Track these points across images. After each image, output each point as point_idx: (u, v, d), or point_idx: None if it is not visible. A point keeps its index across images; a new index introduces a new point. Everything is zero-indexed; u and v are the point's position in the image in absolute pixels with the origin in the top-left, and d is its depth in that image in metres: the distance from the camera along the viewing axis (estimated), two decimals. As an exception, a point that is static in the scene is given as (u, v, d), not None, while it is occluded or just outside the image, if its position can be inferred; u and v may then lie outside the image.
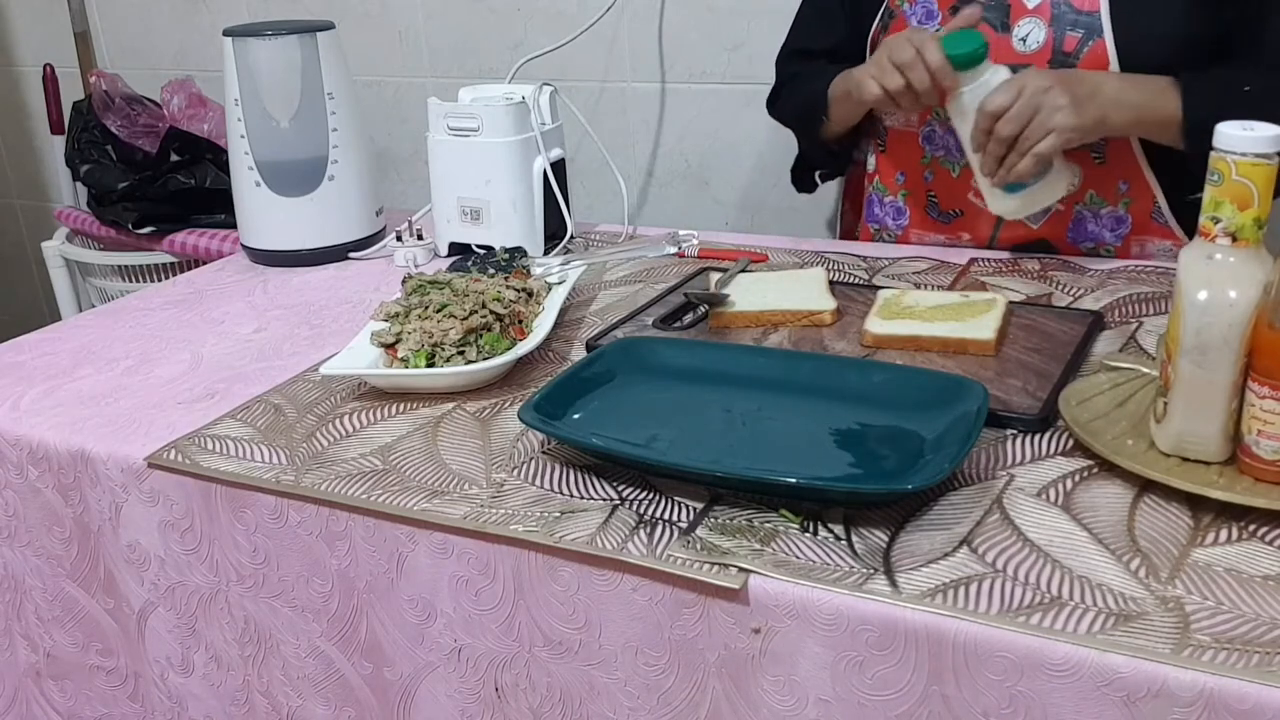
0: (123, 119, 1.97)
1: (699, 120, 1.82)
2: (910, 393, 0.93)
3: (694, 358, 1.03)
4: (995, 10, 1.25)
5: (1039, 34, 1.23)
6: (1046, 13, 1.23)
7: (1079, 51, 1.21)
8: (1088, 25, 1.21)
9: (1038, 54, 1.23)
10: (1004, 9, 1.25)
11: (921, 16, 1.28)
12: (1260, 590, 0.71)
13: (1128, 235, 1.31)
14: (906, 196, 1.38)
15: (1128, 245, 1.31)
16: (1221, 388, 0.79)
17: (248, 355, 1.18)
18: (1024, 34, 1.24)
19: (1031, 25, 1.23)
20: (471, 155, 1.41)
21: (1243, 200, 0.77)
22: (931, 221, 1.38)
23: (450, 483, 0.89)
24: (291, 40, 1.42)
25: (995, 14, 1.25)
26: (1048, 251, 1.33)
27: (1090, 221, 1.31)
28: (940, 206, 1.37)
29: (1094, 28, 1.21)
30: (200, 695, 1.03)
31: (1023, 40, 1.24)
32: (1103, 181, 1.28)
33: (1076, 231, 1.32)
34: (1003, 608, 0.70)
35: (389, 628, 0.91)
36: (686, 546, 0.78)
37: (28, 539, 1.06)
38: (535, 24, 1.87)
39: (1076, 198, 1.29)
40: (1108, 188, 1.29)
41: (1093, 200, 1.30)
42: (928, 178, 1.35)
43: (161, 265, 1.96)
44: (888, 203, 1.40)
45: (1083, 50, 1.21)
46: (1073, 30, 1.22)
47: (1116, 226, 1.31)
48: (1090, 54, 1.21)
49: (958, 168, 1.33)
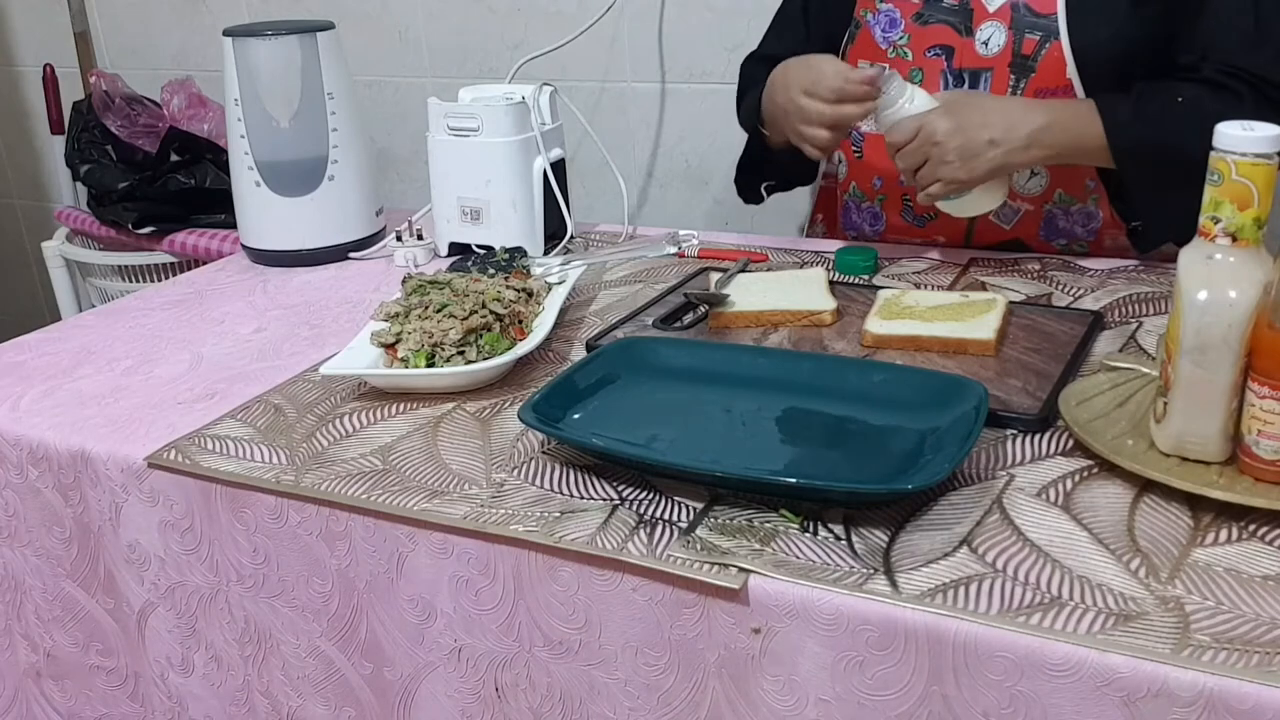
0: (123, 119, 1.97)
1: (699, 120, 1.82)
2: (910, 393, 0.93)
3: (694, 358, 1.03)
4: (959, 14, 1.26)
5: (999, 37, 1.24)
6: (1006, 16, 1.24)
7: (1037, 54, 1.23)
8: (1045, 28, 1.22)
9: (999, 56, 1.24)
10: (967, 13, 1.26)
11: (885, 25, 1.30)
12: (1260, 590, 0.71)
13: (1099, 230, 1.32)
14: (884, 201, 1.38)
15: (1100, 240, 1.32)
16: (1221, 388, 0.79)
17: (248, 355, 1.18)
18: (985, 37, 1.25)
19: (992, 29, 1.24)
20: (471, 155, 1.41)
21: (1243, 200, 0.77)
22: (907, 225, 1.39)
23: (450, 483, 0.89)
24: (291, 40, 1.42)
25: (959, 18, 1.26)
26: (1021, 251, 1.34)
27: (1061, 219, 1.32)
28: (915, 210, 1.38)
29: (1051, 30, 1.22)
30: (200, 695, 1.03)
31: (984, 44, 1.25)
32: (1070, 179, 1.29)
33: (1048, 230, 1.33)
34: (1003, 608, 0.70)
35: (389, 628, 0.91)
36: (686, 546, 0.78)
37: (28, 539, 1.06)
38: (535, 24, 1.87)
39: (1046, 197, 1.31)
40: (1075, 185, 1.30)
41: (1061, 199, 1.31)
42: (903, 181, 1.36)
43: (161, 265, 1.96)
44: (865, 208, 1.40)
45: (1041, 52, 1.22)
46: (1031, 33, 1.23)
47: (1087, 222, 1.32)
48: (1048, 56, 1.22)
49: None
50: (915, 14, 1.28)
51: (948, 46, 1.26)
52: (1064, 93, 1.23)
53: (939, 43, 1.26)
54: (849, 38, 1.34)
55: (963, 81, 1.26)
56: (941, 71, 1.27)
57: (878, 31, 1.30)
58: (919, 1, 1.28)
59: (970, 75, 1.26)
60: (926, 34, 1.27)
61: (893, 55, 1.29)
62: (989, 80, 1.25)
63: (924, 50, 1.28)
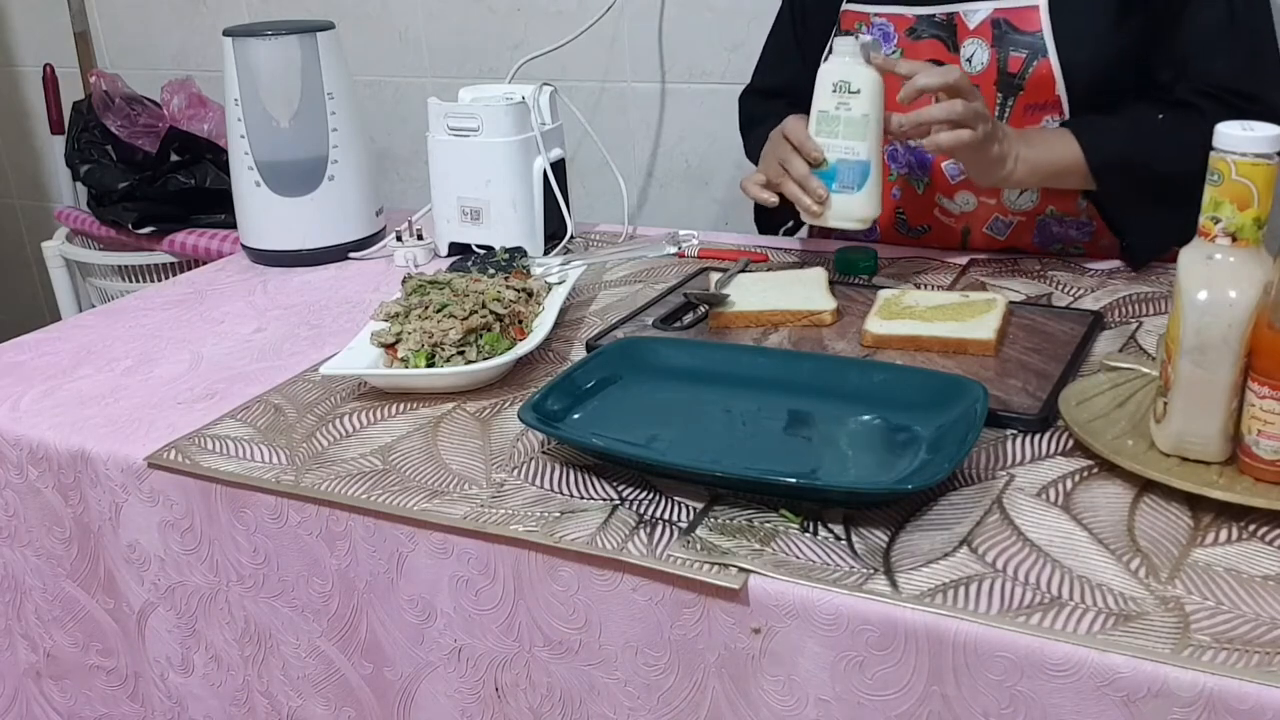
0: (123, 119, 1.97)
1: (699, 120, 1.82)
2: (910, 393, 0.93)
3: (694, 358, 1.03)
4: (945, 29, 1.26)
5: (983, 54, 1.24)
6: (988, 33, 1.23)
7: (1024, 71, 1.22)
8: (1030, 45, 1.21)
9: (983, 74, 1.24)
10: (952, 29, 1.26)
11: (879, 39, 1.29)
12: (1260, 590, 0.71)
13: (1095, 233, 1.32)
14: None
15: (1096, 241, 1.32)
16: (1221, 388, 0.79)
17: (248, 355, 1.18)
18: (969, 54, 1.24)
19: (975, 46, 1.24)
20: (471, 155, 1.41)
21: (1243, 200, 0.77)
22: (900, 237, 1.39)
23: (450, 483, 0.89)
24: (291, 40, 1.42)
25: (945, 33, 1.26)
26: None
27: (1055, 226, 1.32)
28: (909, 223, 1.38)
29: (1037, 48, 1.21)
30: (200, 695, 1.03)
31: (969, 61, 1.25)
32: (1061, 197, 1.30)
33: (1043, 237, 1.33)
34: (1003, 608, 0.70)
35: (389, 628, 0.91)
36: (686, 546, 0.78)
37: (28, 539, 1.06)
38: (535, 24, 1.87)
39: (1039, 210, 1.31)
40: (1068, 203, 1.30)
41: (1053, 214, 1.31)
42: (895, 195, 1.36)
43: (161, 265, 1.96)
44: None
45: (1028, 70, 1.22)
46: (1016, 50, 1.22)
47: (1081, 228, 1.32)
48: (1036, 73, 1.22)
49: (922, 185, 1.35)
50: (908, 28, 1.28)
51: (939, 63, 1.25)
52: (1053, 109, 1.23)
53: (931, 58, 1.26)
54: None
55: None
56: None
57: None
58: (912, 16, 1.27)
59: None
60: (919, 49, 1.27)
61: None
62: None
63: None
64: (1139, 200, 1.22)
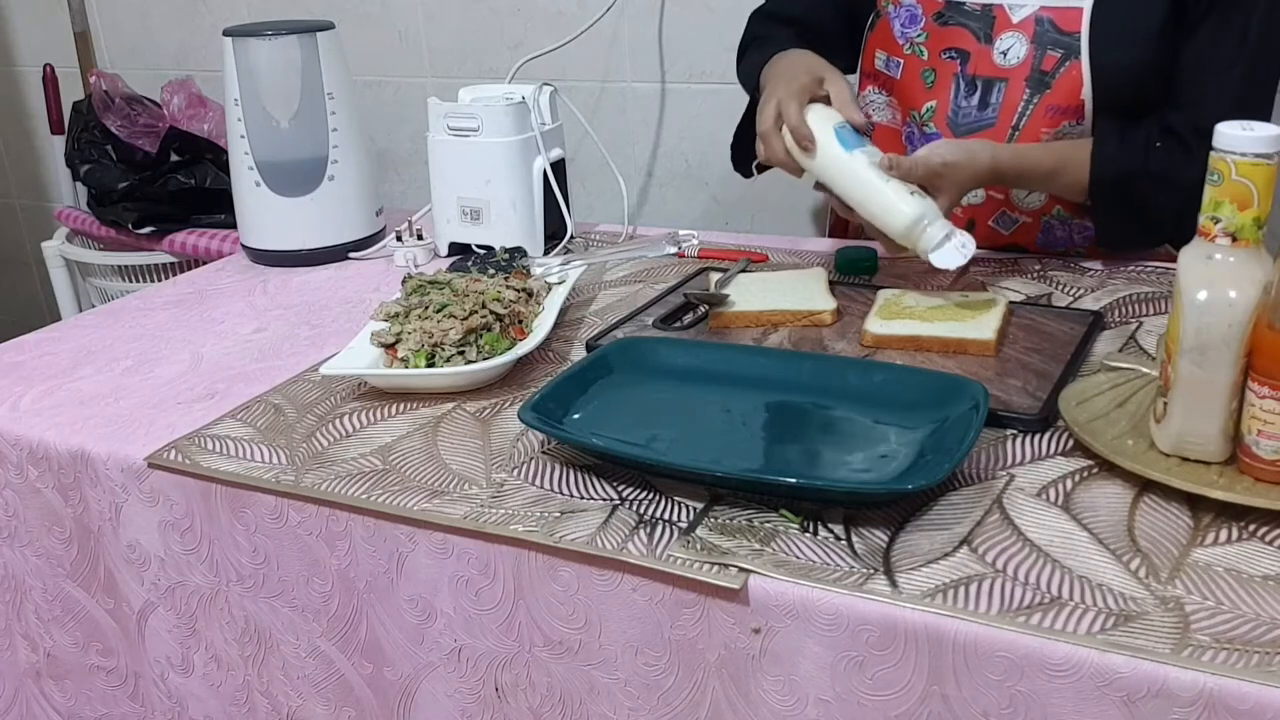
0: (123, 119, 1.97)
1: (699, 120, 1.82)
2: (910, 392, 0.93)
3: (694, 358, 1.03)
4: (980, 20, 1.25)
5: (1020, 49, 1.23)
6: (1030, 29, 1.23)
7: (1056, 71, 1.22)
8: (1067, 45, 1.21)
9: (1017, 69, 1.23)
10: (989, 20, 1.25)
11: (905, 20, 1.29)
12: (1260, 590, 0.71)
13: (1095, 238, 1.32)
14: None
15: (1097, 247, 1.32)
16: (1221, 388, 0.79)
17: (248, 355, 1.18)
18: (1005, 47, 1.24)
19: (1014, 40, 1.23)
20: (471, 155, 1.41)
21: (1242, 200, 0.77)
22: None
23: (450, 483, 0.89)
24: (291, 40, 1.42)
25: (980, 24, 1.25)
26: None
27: (1059, 228, 1.32)
28: None
29: (1073, 49, 1.21)
30: (200, 695, 1.03)
31: (1003, 54, 1.24)
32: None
33: (1046, 238, 1.33)
34: (1003, 608, 0.70)
35: (389, 628, 0.91)
36: (686, 546, 0.78)
37: (28, 539, 1.06)
38: (535, 24, 1.87)
39: (1045, 209, 1.31)
40: (1073, 204, 1.30)
41: (1059, 214, 1.31)
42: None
43: (161, 265, 1.96)
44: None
45: (1059, 70, 1.22)
46: (1053, 50, 1.22)
47: (1084, 231, 1.32)
48: (1066, 74, 1.21)
49: None
50: (936, 13, 1.27)
51: (964, 51, 1.25)
52: (1075, 112, 1.22)
53: (956, 46, 1.25)
54: (870, 25, 1.33)
55: (975, 89, 1.25)
56: (954, 75, 1.26)
57: (897, 25, 1.29)
58: (943, 1, 1.26)
59: (984, 83, 1.25)
60: (945, 35, 1.26)
61: (909, 51, 1.28)
62: (1003, 90, 1.24)
63: (940, 51, 1.27)
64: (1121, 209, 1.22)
